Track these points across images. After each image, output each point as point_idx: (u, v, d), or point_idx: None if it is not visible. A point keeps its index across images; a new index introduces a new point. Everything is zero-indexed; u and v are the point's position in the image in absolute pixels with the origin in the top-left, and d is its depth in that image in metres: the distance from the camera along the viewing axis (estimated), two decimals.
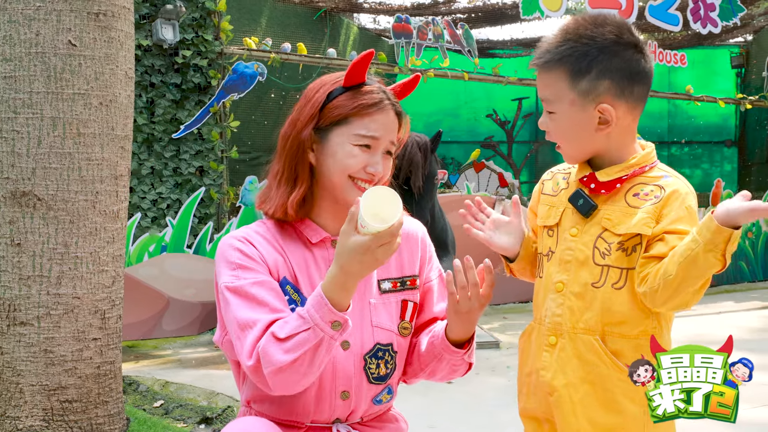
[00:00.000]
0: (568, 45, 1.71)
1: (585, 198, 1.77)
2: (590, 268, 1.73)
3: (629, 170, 1.75)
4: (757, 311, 7.55)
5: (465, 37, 8.44)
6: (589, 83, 1.70)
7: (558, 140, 1.79)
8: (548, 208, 1.86)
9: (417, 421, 3.99)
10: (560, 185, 1.88)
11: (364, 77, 1.85)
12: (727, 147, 13.92)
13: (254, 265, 1.78)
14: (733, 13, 9.10)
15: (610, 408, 1.72)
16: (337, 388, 1.81)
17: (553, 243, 1.82)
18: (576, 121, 1.73)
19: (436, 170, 5.16)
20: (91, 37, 3.15)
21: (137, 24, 6.51)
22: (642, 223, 1.68)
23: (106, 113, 3.21)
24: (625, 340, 1.72)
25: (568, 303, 1.75)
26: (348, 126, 1.81)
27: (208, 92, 6.90)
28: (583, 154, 1.79)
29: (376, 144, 1.82)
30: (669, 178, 1.75)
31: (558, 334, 1.77)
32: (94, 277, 3.22)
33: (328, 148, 1.83)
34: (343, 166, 1.80)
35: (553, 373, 1.76)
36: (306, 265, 1.85)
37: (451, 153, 13.58)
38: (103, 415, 3.28)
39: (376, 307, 1.88)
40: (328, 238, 1.87)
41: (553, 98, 1.74)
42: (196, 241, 6.64)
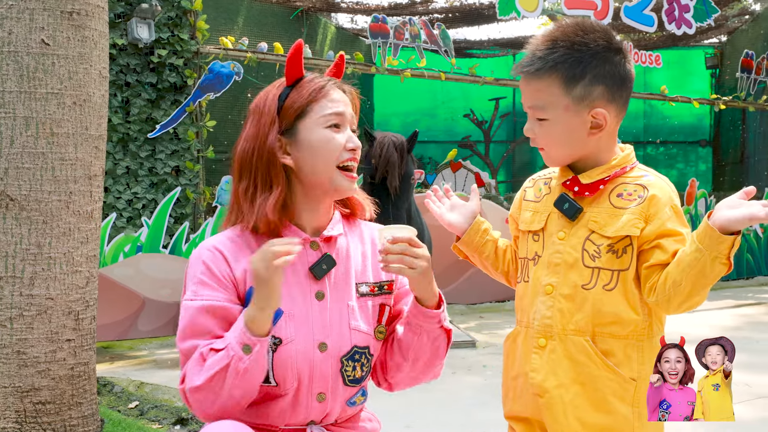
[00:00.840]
0: (560, 52, 1.73)
1: (570, 201, 1.79)
2: (580, 270, 1.76)
3: (611, 171, 1.78)
4: (730, 310, 7.62)
5: (442, 37, 8.45)
6: (584, 89, 1.73)
7: (546, 145, 1.80)
8: (532, 213, 1.89)
9: (393, 421, 4.00)
10: (542, 191, 1.90)
11: (302, 70, 1.89)
12: (702, 147, 14.05)
13: (214, 282, 1.79)
14: (707, 14, 9.18)
15: (600, 408, 1.74)
16: (314, 390, 1.81)
17: (539, 247, 1.84)
18: (570, 126, 1.75)
19: (413, 170, 5.17)
20: (65, 36, 3.12)
21: (112, 23, 6.46)
22: (630, 224, 1.71)
23: (80, 113, 3.19)
24: (615, 340, 1.74)
25: (558, 305, 1.77)
26: (311, 114, 1.85)
27: (184, 92, 6.86)
28: (570, 158, 1.81)
29: (342, 119, 1.86)
30: (650, 176, 1.79)
31: (548, 336, 1.78)
32: (68, 278, 3.19)
33: (302, 143, 1.84)
34: (326, 153, 1.83)
35: (543, 375, 1.78)
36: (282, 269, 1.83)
37: (429, 153, 13.60)
38: (77, 416, 3.26)
39: (354, 309, 1.88)
40: (307, 240, 1.87)
41: (546, 105, 1.75)
42: (171, 242, 6.60)
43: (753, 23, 12.36)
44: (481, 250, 2.00)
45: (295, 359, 1.78)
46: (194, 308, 1.76)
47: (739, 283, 9.49)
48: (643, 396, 1.73)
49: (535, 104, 1.77)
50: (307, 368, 1.79)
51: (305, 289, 1.85)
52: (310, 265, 1.86)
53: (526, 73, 1.77)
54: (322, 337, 1.82)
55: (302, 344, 1.79)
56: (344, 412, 1.90)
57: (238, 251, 1.83)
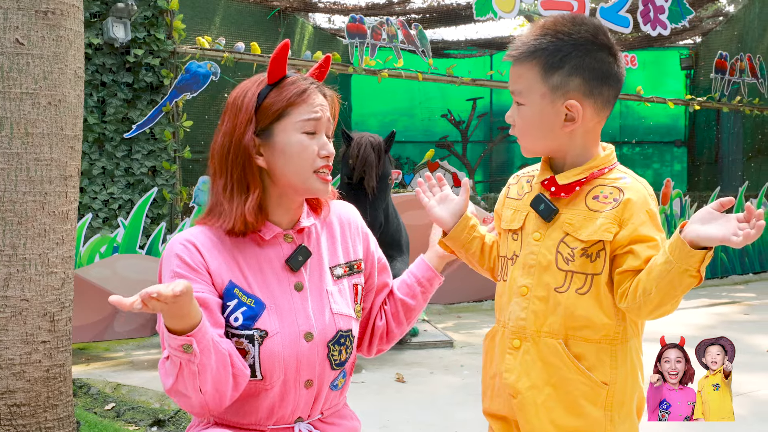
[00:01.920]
0: (544, 39, 1.74)
1: (546, 202, 1.78)
2: (553, 273, 1.75)
3: (587, 172, 1.77)
4: (705, 308, 7.69)
5: (419, 38, 8.46)
6: (561, 78, 1.72)
7: (521, 133, 1.81)
8: (513, 211, 1.88)
9: (370, 421, 4.00)
10: (525, 189, 1.89)
11: (285, 70, 1.88)
12: (677, 147, 14.18)
13: (192, 274, 1.78)
14: (682, 15, 9.25)
15: (571, 411, 1.74)
16: (301, 378, 1.83)
17: (517, 247, 1.84)
18: (543, 114, 1.75)
19: (390, 170, 5.18)
20: (39, 36, 3.10)
21: (87, 22, 6.42)
22: (603, 229, 1.70)
23: (55, 113, 3.17)
24: (588, 343, 1.73)
25: (532, 307, 1.77)
26: (288, 117, 1.83)
27: (161, 91, 6.83)
28: (542, 149, 1.81)
29: (318, 125, 1.85)
30: (627, 179, 1.77)
31: (522, 338, 1.78)
32: (43, 279, 3.17)
33: (276, 146, 1.84)
34: (300, 161, 1.82)
35: (516, 376, 1.78)
36: (258, 263, 1.86)
37: (406, 153, 13.62)
38: (53, 418, 3.24)
39: (333, 294, 1.92)
40: (280, 234, 1.88)
41: (525, 90, 1.76)
42: (148, 242, 6.57)
43: (727, 25, 12.49)
44: (468, 246, 2.00)
45: (282, 351, 1.80)
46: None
47: (714, 282, 9.58)
48: (616, 400, 1.74)
49: (515, 88, 1.78)
50: (294, 359, 1.81)
51: (283, 282, 1.86)
52: (286, 257, 1.87)
53: (512, 57, 1.78)
54: (307, 327, 1.84)
55: (288, 336, 1.81)
56: (329, 401, 1.92)
57: (211, 245, 1.83)
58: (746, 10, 11.94)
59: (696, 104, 10.18)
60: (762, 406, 4.17)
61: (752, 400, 4.30)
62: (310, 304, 1.87)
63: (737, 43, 11.80)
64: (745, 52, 10.78)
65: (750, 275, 10.05)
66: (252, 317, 1.79)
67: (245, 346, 1.79)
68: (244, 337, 1.79)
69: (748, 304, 7.92)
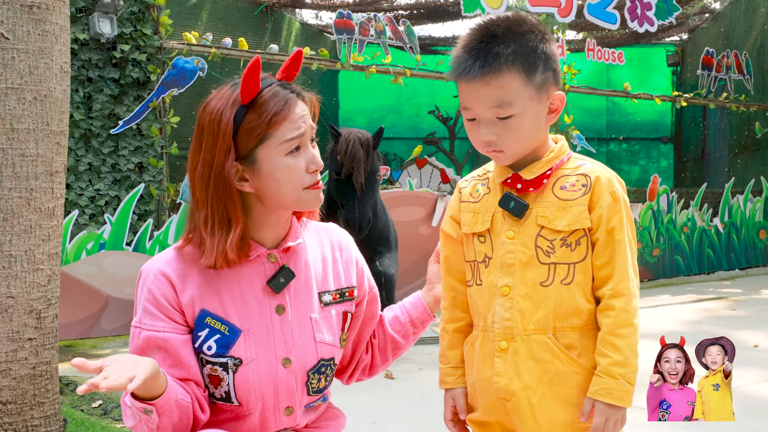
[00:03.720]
0: (513, 44, 1.68)
1: (515, 199, 1.76)
2: (536, 268, 1.73)
3: (551, 164, 1.76)
4: (692, 304, 7.72)
5: (407, 34, 8.45)
6: (541, 75, 1.71)
7: (511, 144, 1.72)
8: (472, 215, 1.84)
9: (360, 417, 4.00)
10: (480, 191, 1.86)
11: (259, 87, 1.74)
12: (664, 143, 14.24)
13: (158, 311, 1.75)
14: (669, 12, 9.28)
15: (567, 403, 1.73)
16: (281, 405, 1.80)
17: (487, 249, 1.80)
18: (536, 115, 1.72)
19: (378, 166, 5.17)
20: (25, 30, 3.08)
21: (73, 17, 6.38)
22: (582, 216, 1.71)
23: (41, 108, 3.14)
24: (574, 331, 1.73)
25: (517, 306, 1.74)
26: (271, 140, 1.74)
27: (147, 87, 6.80)
28: (527, 151, 1.76)
29: (303, 140, 1.78)
30: (588, 164, 1.78)
31: (509, 339, 1.75)
32: (29, 276, 3.15)
33: (262, 172, 1.75)
34: (290, 183, 1.76)
35: (508, 379, 1.75)
36: (238, 283, 1.80)
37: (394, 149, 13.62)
38: (39, 416, 3.22)
39: (318, 322, 1.86)
40: (264, 253, 1.82)
41: (513, 99, 1.68)
42: (135, 239, 6.53)
43: (713, 21, 12.54)
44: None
45: (258, 379, 1.75)
46: (139, 337, 1.76)
47: (701, 278, 9.61)
48: None
49: (500, 103, 1.68)
50: (271, 387, 1.77)
51: (263, 304, 1.80)
52: (268, 278, 1.81)
53: (483, 72, 1.67)
54: (285, 353, 1.79)
55: (264, 363, 1.76)
56: (306, 416, 1.89)
57: (185, 273, 1.77)
58: (732, 7, 11.99)
59: (682, 101, 10.21)
60: (749, 401, 4.19)
61: (739, 395, 4.32)
62: (292, 328, 1.81)
63: (723, 39, 11.86)
64: (732, 48, 10.83)
65: (736, 271, 10.09)
66: (226, 345, 1.74)
67: (219, 374, 1.75)
68: (218, 364, 1.75)
69: (735, 300, 7.95)
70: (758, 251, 10.37)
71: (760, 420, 3.85)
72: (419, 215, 7.54)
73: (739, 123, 11.64)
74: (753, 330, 6.23)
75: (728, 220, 10.04)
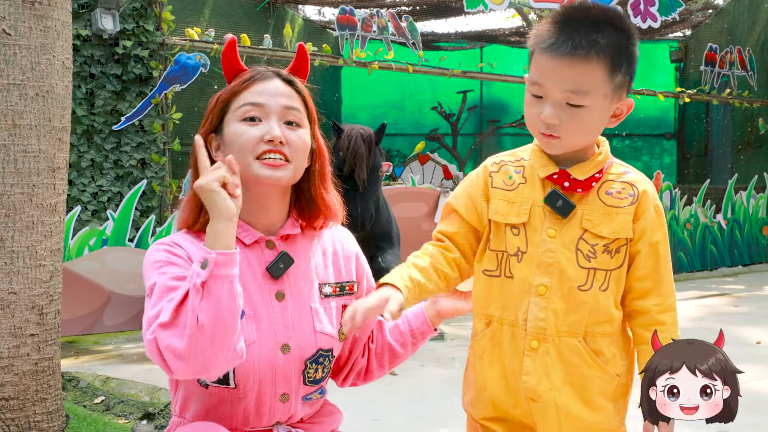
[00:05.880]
0: (608, 36, 1.61)
1: (563, 198, 1.71)
2: (575, 270, 1.70)
3: (601, 166, 1.74)
4: (695, 300, 7.72)
5: (409, 30, 8.45)
6: (622, 77, 1.66)
7: (570, 133, 1.67)
8: (506, 204, 1.78)
9: (361, 413, 4.00)
10: (514, 179, 1.79)
11: (239, 64, 1.85)
12: (667, 140, 14.22)
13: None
14: (672, 8, 9.26)
15: (589, 406, 1.73)
16: (277, 391, 1.79)
17: (521, 242, 1.75)
18: (603, 115, 1.68)
19: (381, 163, 5.17)
20: (27, 26, 3.07)
21: (76, 13, 6.37)
22: (628, 227, 1.70)
23: (43, 104, 3.14)
24: (604, 338, 1.73)
25: (552, 306, 1.71)
26: (231, 106, 1.80)
27: (150, 83, 6.79)
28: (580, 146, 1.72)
29: (262, 111, 1.78)
30: (632, 173, 1.77)
31: (541, 339, 1.72)
32: (31, 272, 3.15)
33: (224, 139, 1.81)
34: (238, 148, 1.75)
35: (536, 379, 1.73)
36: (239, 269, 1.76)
37: (396, 145, 13.62)
38: (42, 412, 3.22)
39: (318, 312, 1.85)
40: (262, 239, 1.83)
41: (590, 90, 1.62)
42: (137, 235, 6.54)
43: (717, 17, 12.51)
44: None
45: (257, 361, 1.75)
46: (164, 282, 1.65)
47: (703, 275, 9.61)
48: (622, 389, 1.76)
49: (577, 89, 1.61)
50: (269, 370, 1.76)
51: (264, 290, 1.80)
52: (267, 264, 1.81)
53: (574, 54, 1.60)
54: (284, 339, 1.78)
55: (264, 346, 1.76)
56: (304, 408, 1.88)
57: (193, 247, 1.77)
58: (736, 2, 11.96)
59: (686, 97, 10.19)
60: (751, 397, 4.18)
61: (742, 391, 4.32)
62: (291, 315, 1.81)
63: (727, 35, 11.82)
64: (735, 44, 10.80)
65: (739, 267, 10.08)
66: None
67: None
68: None
69: (738, 296, 7.95)
70: (761, 248, 10.36)
71: (763, 416, 3.85)
72: (421, 211, 7.54)
73: (743, 119, 11.61)
74: (756, 326, 6.23)
75: (731, 217, 10.03)
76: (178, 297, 1.57)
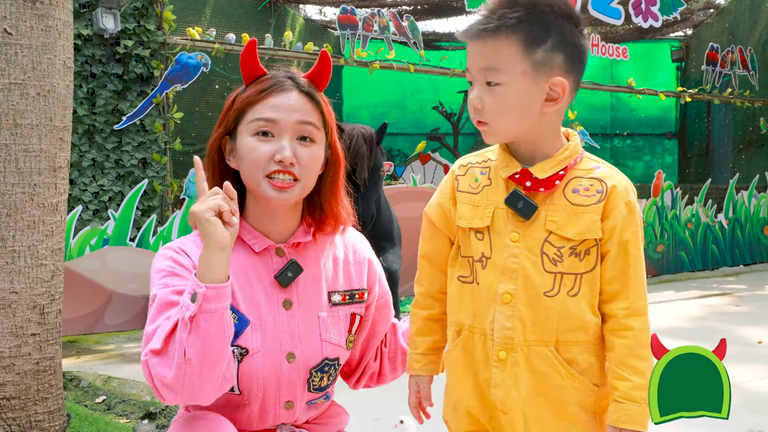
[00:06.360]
0: (522, 11, 1.54)
1: (525, 199, 1.61)
2: (541, 276, 1.60)
3: (565, 163, 1.62)
4: (696, 300, 7.71)
5: (410, 29, 8.44)
6: (545, 54, 1.55)
7: (494, 115, 1.59)
8: (471, 207, 1.69)
9: (363, 413, 3.99)
10: (480, 181, 1.71)
11: (259, 66, 1.80)
12: (668, 139, 14.22)
13: (184, 273, 1.70)
14: (674, 7, 9.26)
15: (563, 418, 1.63)
16: (281, 399, 1.79)
17: (485, 247, 1.65)
18: (525, 93, 1.57)
19: (382, 162, 5.16)
20: (28, 26, 3.07)
21: (77, 13, 6.37)
22: (596, 226, 1.59)
23: (44, 104, 3.14)
24: (578, 346, 1.62)
25: (518, 315, 1.61)
26: (245, 119, 1.76)
27: (151, 83, 6.79)
28: (515, 133, 1.62)
29: (276, 128, 1.74)
30: (603, 168, 1.65)
31: (509, 349, 1.62)
32: (33, 271, 3.15)
33: (237, 148, 1.78)
34: (248, 164, 1.74)
35: (505, 390, 1.63)
36: (246, 273, 1.79)
37: (398, 145, 13.62)
38: (43, 411, 3.22)
39: (326, 321, 1.84)
40: (272, 247, 1.81)
41: (502, 66, 1.55)
42: (139, 234, 6.54)
43: (718, 17, 12.51)
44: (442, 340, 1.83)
45: (262, 370, 1.74)
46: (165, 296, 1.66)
47: (705, 274, 9.60)
48: (603, 402, 1.65)
49: (490, 65, 1.56)
50: (273, 379, 1.76)
51: (271, 298, 1.79)
52: (276, 272, 1.80)
53: (482, 32, 1.56)
54: (290, 347, 1.77)
55: (269, 355, 1.75)
56: (308, 412, 1.88)
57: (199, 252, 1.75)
58: (737, 2, 11.96)
59: (687, 96, 10.19)
60: (752, 397, 4.18)
61: (743, 391, 4.31)
62: (297, 324, 1.80)
63: (728, 35, 11.82)
64: (736, 44, 10.79)
65: (741, 267, 10.07)
66: (234, 334, 1.72)
67: None
68: None
69: (739, 296, 7.94)
70: (762, 247, 10.35)
71: (764, 416, 3.84)
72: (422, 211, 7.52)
73: (744, 118, 11.61)
74: (757, 326, 6.23)
75: (732, 216, 10.03)
76: (169, 326, 1.57)
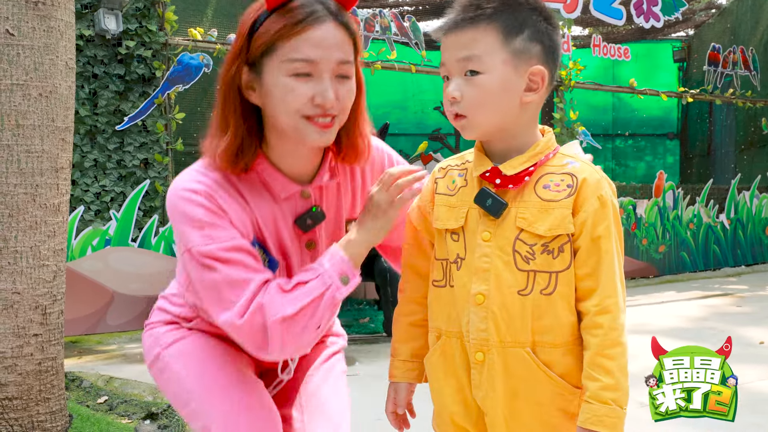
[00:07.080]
0: (498, 2, 1.55)
1: (493, 197, 1.59)
2: (514, 274, 1.57)
3: (535, 159, 1.60)
4: (698, 300, 7.70)
5: (412, 30, 8.44)
6: (523, 43, 1.54)
7: (474, 106, 1.57)
8: (447, 209, 1.68)
9: (364, 413, 3.99)
10: (456, 183, 1.69)
11: None
12: (670, 140, 14.20)
13: (224, 223, 1.61)
14: (675, 8, 9.25)
15: (544, 422, 1.60)
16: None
17: (460, 248, 1.64)
18: (506, 82, 1.55)
19: None
20: (30, 26, 3.08)
21: (79, 13, 6.38)
22: (566, 221, 1.55)
23: (46, 104, 3.14)
24: (556, 348, 1.58)
25: (492, 316, 1.58)
26: (276, 54, 1.58)
27: (153, 83, 6.80)
28: (495, 126, 1.59)
29: (316, 68, 1.59)
30: (575, 163, 1.61)
31: (485, 350, 1.59)
32: (35, 272, 3.15)
33: (265, 87, 1.62)
34: (285, 106, 1.59)
35: (485, 392, 1.61)
36: (273, 219, 1.74)
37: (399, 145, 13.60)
38: (45, 412, 3.22)
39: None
40: (297, 192, 1.75)
41: (483, 54, 1.54)
42: (140, 235, 6.54)
43: (719, 17, 12.49)
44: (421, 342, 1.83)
45: None
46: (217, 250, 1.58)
47: (706, 275, 9.59)
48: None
49: (470, 54, 1.54)
50: None
51: (295, 240, 1.77)
52: (298, 215, 1.76)
53: (460, 22, 1.55)
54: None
55: None
56: None
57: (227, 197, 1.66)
58: (739, 2, 11.95)
59: (689, 97, 10.18)
60: (754, 397, 4.18)
61: (745, 391, 4.31)
62: None
63: (730, 35, 11.81)
64: (738, 44, 10.79)
65: (742, 267, 10.07)
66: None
67: None
68: None
69: (741, 296, 7.93)
70: (764, 248, 10.35)
71: (765, 416, 3.84)
72: None
73: (746, 119, 11.60)
74: (759, 327, 6.22)
75: (734, 217, 10.02)
76: (307, 294, 1.59)
